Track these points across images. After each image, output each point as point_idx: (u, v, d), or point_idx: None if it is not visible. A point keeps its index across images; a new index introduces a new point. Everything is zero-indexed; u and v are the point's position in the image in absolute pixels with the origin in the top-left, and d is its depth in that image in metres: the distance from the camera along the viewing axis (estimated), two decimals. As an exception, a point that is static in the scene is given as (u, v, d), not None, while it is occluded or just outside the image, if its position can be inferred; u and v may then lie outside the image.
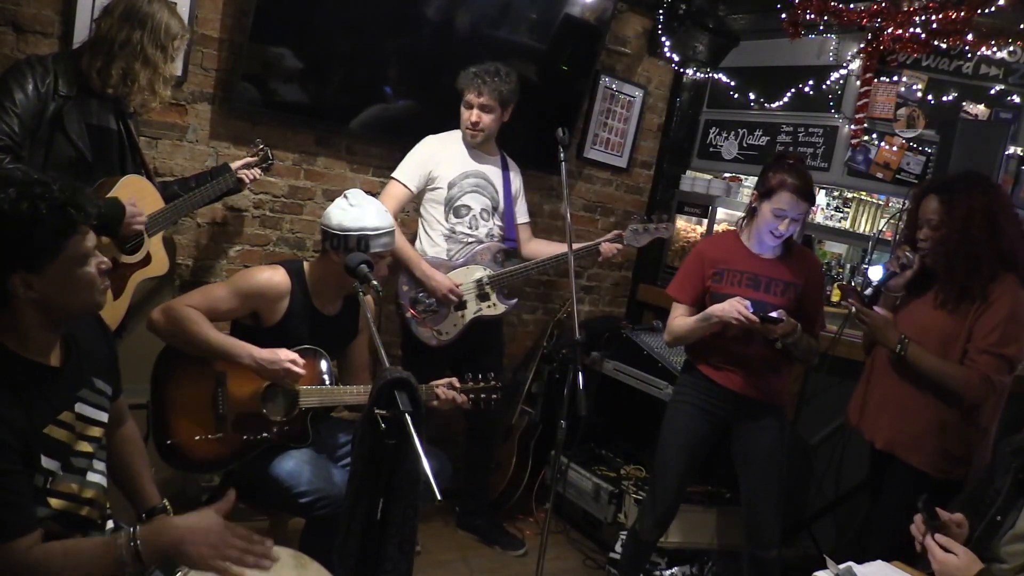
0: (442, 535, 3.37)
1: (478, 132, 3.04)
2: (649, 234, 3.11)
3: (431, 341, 3.05)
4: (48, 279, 1.39)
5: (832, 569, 1.79)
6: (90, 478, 1.56)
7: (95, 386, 1.60)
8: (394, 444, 1.67)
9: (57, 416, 1.47)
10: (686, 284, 2.62)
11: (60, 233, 1.38)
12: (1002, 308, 2.24)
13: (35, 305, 1.41)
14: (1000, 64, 3.47)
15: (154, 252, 2.48)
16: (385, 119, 3.36)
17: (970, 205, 2.27)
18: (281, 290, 2.32)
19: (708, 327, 2.49)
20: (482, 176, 3.12)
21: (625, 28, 4.12)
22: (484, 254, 3.11)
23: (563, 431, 2.35)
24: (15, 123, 2.12)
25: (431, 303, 3.04)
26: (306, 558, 1.64)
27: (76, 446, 1.53)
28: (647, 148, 4.47)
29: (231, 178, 2.66)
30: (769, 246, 2.54)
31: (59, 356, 1.52)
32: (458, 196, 3.07)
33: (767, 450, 2.58)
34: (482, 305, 3.10)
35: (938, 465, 2.34)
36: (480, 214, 3.11)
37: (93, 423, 1.57)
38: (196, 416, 2.24)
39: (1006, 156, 3.32)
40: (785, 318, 2.38)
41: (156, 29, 2.26)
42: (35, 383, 1.44)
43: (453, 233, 3.08)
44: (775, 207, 2.43)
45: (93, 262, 1.46)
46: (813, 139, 3.95)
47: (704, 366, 2.60)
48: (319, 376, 2.36)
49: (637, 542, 2.80)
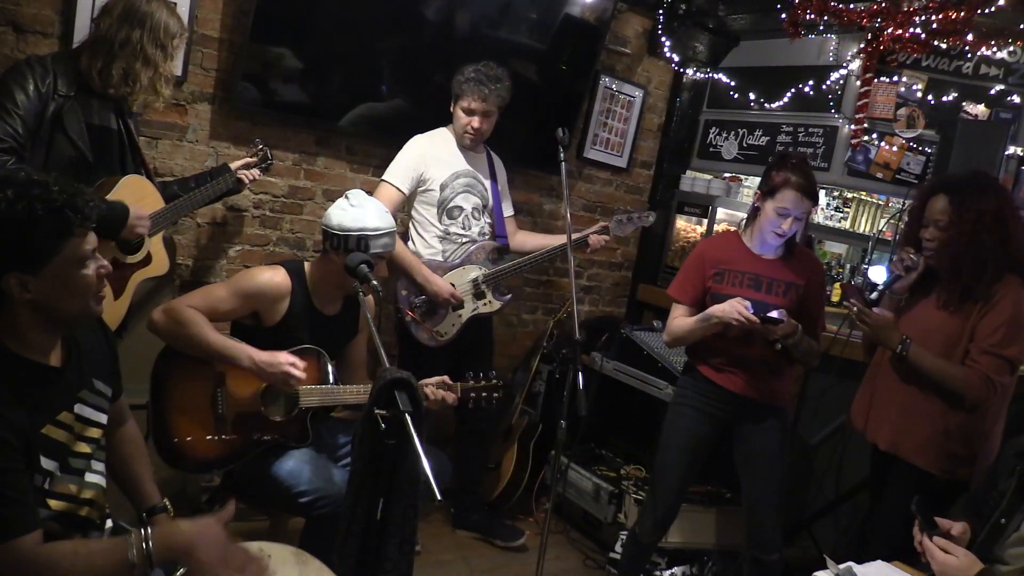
0: (442, 535, 3.37)
1: (478, 137, 3.05)
2: (632, 223, 3.21)
3: (430, 342, 3.06)
4: (44, 281, 1.39)
5: (832, 569, 1.79)
6: (88, 479, 1.56)
7: (95, 387, 1.60)
8: (394, 444, 1.67)
9: (56, 416, 1.48)
10: (686, 284, 2.62)
11: (57, 235, 1.38)
12: (1005, 309, 2.23)
13: (31, 306, 1.41)
14: (1000, 64, 3.47)
15: (154, 252, 2.48)
16: (385, 119, 3.35)
17: (981, 207, 2.24)
18: (282, 290, 2.32)
19: (708, 328, 2.48)
20: (472, 175, 3.13)
21: (625, 28, 4.12)
22: (479, 253, 3.12)
23: (563, 431, 2.35)
24: (18, 124, 2.12)
25: (428, 304, 3.04)
26: (307, 555, 1.65)
27: (74, 447, 1.53)
28: (647, 148, 4.47)
29: (231, 178, 2.66)
30: (771, 246, 2.53)
31: (60, 357, 1.52)
32: (451, 197, 3.07)
33: (768, 452, 2.57)
34: (479, 303, 3.11)
35: (942, 466, 2.33)
36: (472, 213, 3.12)
37: (92, 424, 1.58)
38: (196, 416, 2.24)
39: (1006, 156, 3.33)
40: (786, 318, 2.37)
41: (155, 28, 2.26)
42: (35, 383, 1.44)
43: (447, 235, 3.09)
44: (779, 205, 2.42)
45: (92, 265, 1.45)
46: (813, 139, 3.95)
47: (704, 367, 2.59)
48: (320, 376, 2.36)
49: (637, 543, 2.80)
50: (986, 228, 2.24)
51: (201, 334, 2.19)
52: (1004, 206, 2.28)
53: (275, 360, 2.20)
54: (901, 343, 2.29)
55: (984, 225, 2.24)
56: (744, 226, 2.63)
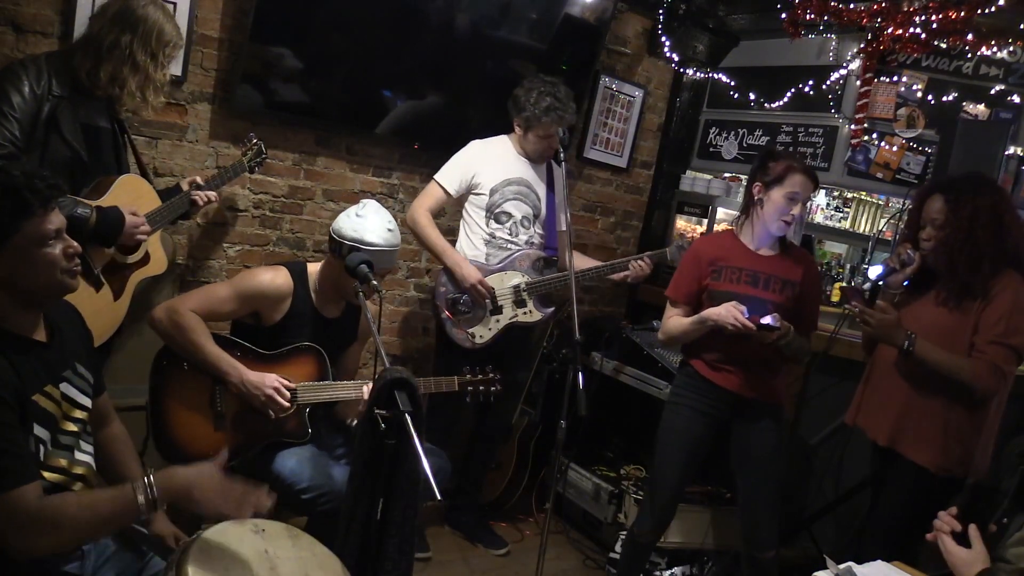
0: (442, 535, 3.37)
1: (553, 151, 3.05)
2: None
3: (465, 343, 3.05)
4: (8, 258, 1.46)
5: (832, 569, 1.79)
6: (78, 456, 1.61)
7: (78, 371, 1.66)
8: (394, 444, 1.67)
9: (44, 387, 1.53)
10: (681, 284, 2.63)
11: (14, 214, 1.45)
12: (1005, 300, 2.26)
13: (1, 283, 1.48)
14: (1000, 64, 3.47)
15: (153, 251, 2.47)
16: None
17: (976, 205, 2.27)
18: (283, 291, 2.33)
19: (703, 330, 2.49)
20: (525, 184, 3.11)
21: (625, 28, 4.12)
22: (523, 260, 3.11)
23: (563, 431, 2.35)
24: (15, 127, 2.10)
25: (467, 304, 3.03)
26: (297, 530, 1.67)
27: (62, 424, 1.58)
28: (647, 148, 4.47)
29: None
30: (770, 239, 2.54)
31: (44, 335, 1.58)
32: (500, 203, 3.07)
33: (764, 451, 2.58)
34: (518, 311, 3.09)
35: (940, 462, 2.34)
36: (521, 221, 3.11)
37: (77, 406, 1.63)
38: (195, 413, 2.26)
39: (1006, 156, 3.32)
40: (781, 324, 2.37)
41: (147, 34, 2.23)
42: (23, 353, 1.49)
43: (493, 238, 3.09)
44: (788, 191, 2.44)
45: (58, 245, 1.51)
46: (813, 139, 3.95)
47: (700, 363, 2.60)
48: (318, 373, 2.37)
49: (635, 543, 2.80)
50: (981, 225, 2.26)
51: (199, 342, 2.21)
52: (999, 203, 2.30)
53: (262, 382, 2.23)
54: (907, 338, 2.29)
55: (979, 222, 2.26)
56: (739, 223, 2.63)
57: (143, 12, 2.22)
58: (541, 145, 3.06)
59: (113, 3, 2.24)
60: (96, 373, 1.75)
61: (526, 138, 3.08)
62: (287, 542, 1.61)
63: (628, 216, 4.49)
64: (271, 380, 2.24)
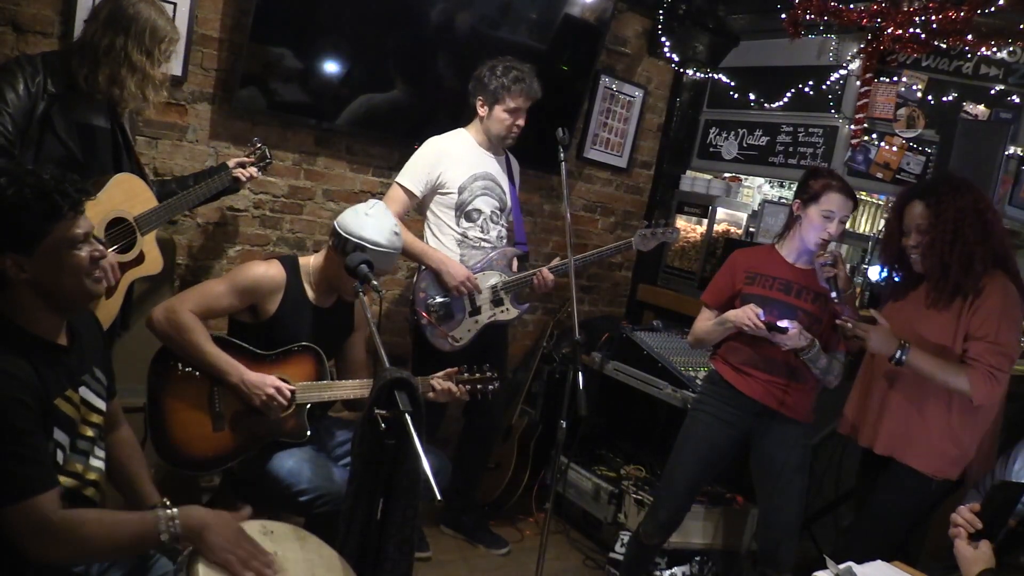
0: (442, 535, 3.37)
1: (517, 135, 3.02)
2: (655, 238, 3.16)
3: (445, 347, 3.00)
4: (38, 261, 1.48)
5: (832, 569, 1.78)
6: (92, 462, 1.62)
7: (95, 374, 1.67)
8: (394, 444, 1.67)
9: (65, 392, 1.54)
10: (713, 289, 2.68)
11: (46, 217, 1.47)
12: (994, 303, 2.26)
13: (31, 286, 1.49)
14: (1000, 64, 3.47)
15: (147, 251, 2.45)
16: (384, 119, 3.35)
17: (958, 206, 2.28)
18: (277, 282, 2.35)
19: (724, 331, 2.52)
20: (490, 178, 3.06)
21: (625, 28, 4.12)
22: (500, 260, 3.09)
23: (563, 431, 2.35)
24: (8, 124, 2.10)
25: (445, 304, 2.99)
26: (305, 532, 1.68)
27: (80, 428, 1.59)
28: (647, 148, 4.47)
29: (227, 176, 2.62)
30: (809, 254, 2.51)
31: (66, 339, 1.60)
32: (469, 200, 3.01)
33: (786, 467, 2.53)
34: (496, 310, 3.07)
35: (937, 466, 2.34)
36: (491, 216, 3.07)
37: (94, 410, 1.64)
38: (194, 414, 2.25)
39: (1006, 156, 3.32)
40: (797, 329, 2.36)
41: (140, 33, 2.21)
42: (47, 357, 1.51)
43: (465, 238, 3.03)
44: (824, 209, 2.43)
45: (85, 248, 1.53)
46: (813, 139, 3.95)
47: (724, 366, 2.60)
48: (317, 374, 2.37)
49: (640, 545, 2.79)
50: (967, 224, 2.27)
51: (197, 342, 2.21)
52: (980, 201, 2.31)
53: (262, 382, 2.23)
54: (900, 348, 2.28)
55: (965, 222, 2.27)
56: (779, 239, 2.64)
57: (134, 11, 2.21)
58: (506, 124, 2.96)
59: (104, 5, 2.22)
60: (109, 375, 1.76)
61: (491, 117, 2.97)
62: (295, 544, 1.61)
63: (628, 216, 4.50)
64: (271, 379, 2.24)
